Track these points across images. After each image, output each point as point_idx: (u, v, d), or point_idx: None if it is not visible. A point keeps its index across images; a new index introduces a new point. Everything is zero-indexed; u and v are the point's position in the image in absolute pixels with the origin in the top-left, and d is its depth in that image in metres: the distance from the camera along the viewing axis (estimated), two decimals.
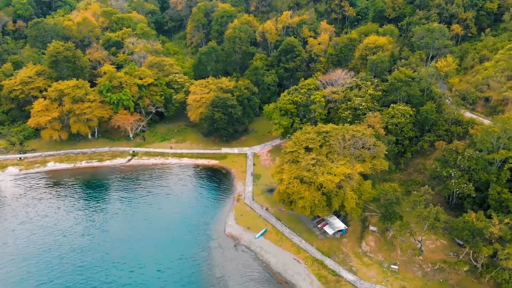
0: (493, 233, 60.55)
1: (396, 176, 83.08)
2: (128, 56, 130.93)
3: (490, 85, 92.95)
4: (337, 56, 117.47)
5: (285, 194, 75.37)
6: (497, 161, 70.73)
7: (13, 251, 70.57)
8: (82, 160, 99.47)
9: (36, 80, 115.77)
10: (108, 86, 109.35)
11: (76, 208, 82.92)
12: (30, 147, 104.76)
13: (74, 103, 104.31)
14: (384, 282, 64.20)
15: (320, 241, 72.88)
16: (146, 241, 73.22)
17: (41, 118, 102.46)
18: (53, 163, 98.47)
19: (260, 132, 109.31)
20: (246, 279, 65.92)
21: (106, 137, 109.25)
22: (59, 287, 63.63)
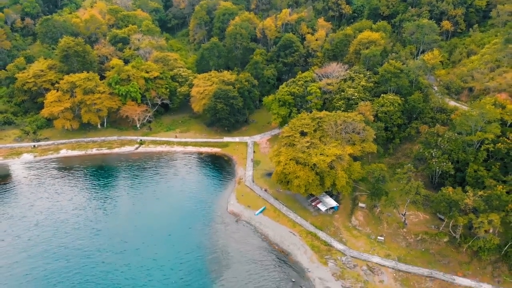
0: (467, 204, 69.42)
1: (385, 160, 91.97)
2: (134, 52, 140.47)
3: (474, 76, 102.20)
4: (333, 51, 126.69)
5: (282, 174, 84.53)
6: (475, 143, 79.57)
7: (32, 224, 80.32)
8: (93, 147, 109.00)
9: (48, 73, 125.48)
10: (117, 79, 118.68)
11: (92, 188, 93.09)
12: (43, 136, 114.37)
13: (85, 94, 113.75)
14: (371, 251, 73.25)
15: (314, 217, 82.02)
16: (157, 214, 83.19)
17: (54, 108, 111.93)
18: (66, 150, 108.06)
19: (260, 123, 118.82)
20: (246, 248, 75.21)
21: (115, 127, 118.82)
22: (76, 251, 72.92)
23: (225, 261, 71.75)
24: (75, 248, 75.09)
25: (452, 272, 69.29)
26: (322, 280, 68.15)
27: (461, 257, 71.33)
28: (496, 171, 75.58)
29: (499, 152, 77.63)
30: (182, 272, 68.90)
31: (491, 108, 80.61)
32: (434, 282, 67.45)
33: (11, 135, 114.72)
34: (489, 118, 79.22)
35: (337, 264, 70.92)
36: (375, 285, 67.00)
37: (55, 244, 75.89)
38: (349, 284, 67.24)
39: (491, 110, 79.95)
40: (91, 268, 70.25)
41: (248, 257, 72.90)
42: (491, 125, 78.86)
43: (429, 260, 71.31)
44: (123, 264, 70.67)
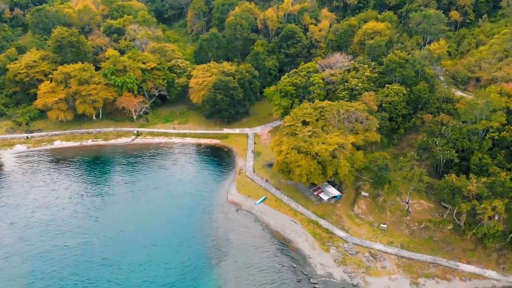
0: (470, 191, 75.52)
1: (389, 150, 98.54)
2: (130, 43, 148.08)
3: (482, 67, 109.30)
4: (337, 41, 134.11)
5: (283, 164, 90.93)
6: (480, 132, 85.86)
7: (28, 211, 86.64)
8: (88, 139, 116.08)
9: (41, 64, 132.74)
10: (112, 69, 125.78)
11: (88, 177, 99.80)
12: (36, 127, 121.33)
13: (80, 85, 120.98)
14: (374, 238, 79.39)
15: (316, 206, 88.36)
16: (156, 203, 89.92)
17: (48, 99, 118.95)
18: (60, 141, 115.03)
19: (261, 115, 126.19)
20: (246, 235, 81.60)
21: (110, 118, 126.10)
22: (74, 235, 79.06)
23: (225, 248, 77.93)
24: (74, 232, 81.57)
25: (456, 259, 75.39)
26: (323, 266, 74.19)
27: (465, 244, 77.45)
28: (501, 159, 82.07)
29: (504, 141, 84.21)
30: (182, 258, 75.03)
31: (496, 96, 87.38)
32: (437, 268, 73.42)
33: (2, 127, 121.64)
34: (494, 107, 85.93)
35: (339, 251, 76.99)
36: (378, 271, 72.94)
37: (53, 229, 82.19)
38: (350, 269, 73.19)
39: (496, 98, 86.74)
40: (91, 253, 76.35)
41: (248, 244, 79.17)
42: (496, 113, 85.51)
43: (432, 247, 77.43)
44: (122, 250, 76.85)
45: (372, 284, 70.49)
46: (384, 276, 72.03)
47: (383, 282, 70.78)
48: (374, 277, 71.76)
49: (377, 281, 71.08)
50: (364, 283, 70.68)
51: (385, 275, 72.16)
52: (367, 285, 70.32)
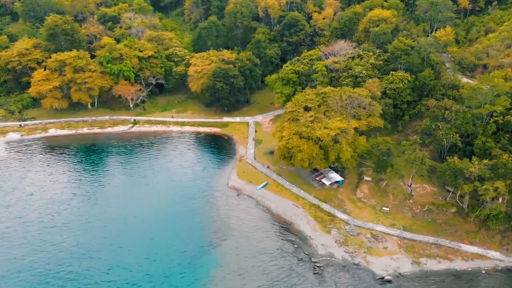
0: (472, 172, 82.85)
1: (394, 137, 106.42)
2: (126, 31, 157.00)
3: (489, 53, 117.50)
4: (341, 29, 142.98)
5: (285, 149, 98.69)
6: (484, 116, 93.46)
7: (24, 195, 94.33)
8: (84, 127, 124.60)
9: (33, 52, 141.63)
10: (108, 57, 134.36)
11: (85, 163, 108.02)
12: (30, 116, 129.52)
13: (75, 72, 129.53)
14: (376, 220, 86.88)
15: (318, 191, 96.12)
16: (156, 186, 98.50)
17: (42, 87, 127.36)
18: (54, 129, 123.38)
19: (262, 103, 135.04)
20: (247, 218, 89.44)
21: (106, 107, 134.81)
22: (74, 217, 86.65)
23: (225, 230, 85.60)
24: (74, 214, 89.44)
25: (459, 240, 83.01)
26: (324, 246, 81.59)
27: (468, 227, 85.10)
28: (505, 142, 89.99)
29: (508, 124, 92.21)
30: (183, 238, 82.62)
31: (500, 81, 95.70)
32: (439, 249, 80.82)
33: None
34: (499, 91, 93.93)
35: (340, 232, 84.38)
36: (379, 251, 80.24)
37: (51, 211, 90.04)
38: (352, 249, 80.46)
39: (500, 83, 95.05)
40: (91, 233, 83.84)
41: (249, 226, 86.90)
42: (500, 98, 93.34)
43: (435, 229, 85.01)
44: (123, 230, 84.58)
45: (373, 263, 77.85)
46: (386, 256, 79.52)
47: (385, 261, 78.20)
48: (375, 256, 79.25)
49: (378, 260, 78.50)
50: (365, 262, 78.06)
51: (386, 255, 79.65)
52: (368, 264, 77.69)
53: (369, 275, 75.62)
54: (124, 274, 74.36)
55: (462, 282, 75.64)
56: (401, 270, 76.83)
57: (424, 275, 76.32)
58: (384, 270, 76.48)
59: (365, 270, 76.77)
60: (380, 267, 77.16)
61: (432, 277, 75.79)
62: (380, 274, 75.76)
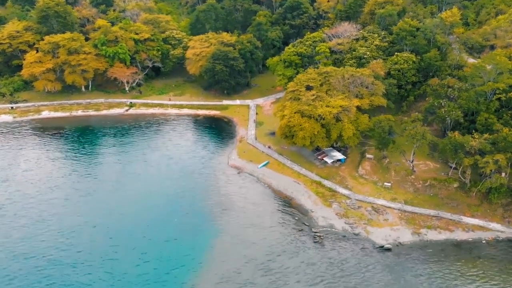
0: (473, 146, 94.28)
1: (398, 117, 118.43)
2: (120, 14, 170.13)
3: (497, 34, 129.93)
4: (346, 12, 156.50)
5: (286, 128, 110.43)
6: (487, 94, 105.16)
7: (18, 173, 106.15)
8: (78, 109, 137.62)
9: (25, 35, 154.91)
10: (103, 40, 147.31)
11: (81, 145, 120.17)
12: (21, 98, 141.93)
13: (69, 55, 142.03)
14: (377, 195, 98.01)
15: (320, 169, 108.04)
16: (155, 164, 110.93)
17: (35, 69, 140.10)
18: (48, 112, 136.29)
19: (263, 87, 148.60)
20: (248, 193, 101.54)
21: (101, 90, 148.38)
22: (74, 193, 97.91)
23: (226, 204, 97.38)
24: (74, 188, 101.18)
25: (460, 213, 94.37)
26: (325, 218, 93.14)
27: (470, 201, 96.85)
28: (507, 118, 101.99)
29: (511, 101, 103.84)
30: (184, 212, 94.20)
31: (503, 58, 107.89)
32: (440, 221, 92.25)
33: None
34: (501, 69, 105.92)
35: (341, 206, 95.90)
36: (379, 222, 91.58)
37: (51, 185, 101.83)
38: (352, 221, 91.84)
39: (502, 60, 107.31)
40: (92, 204, 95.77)
41: (250, 200, 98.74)
42: (503, 76, 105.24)
43: (437, 203, 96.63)
44: (124, 205, 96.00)
45: (373, 233, 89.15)
46: (386, 227, 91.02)
47: (385, 232, 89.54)
48: (376, 227, 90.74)
49: (379, 231, 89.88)
50: (365, 233, 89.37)
51: (387, 226, 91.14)
52: (368, 234, 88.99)
53: (369, 244, 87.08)
54: (127, 239, 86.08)
55: (462, 251, 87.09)
56: (401, 239, 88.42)
57: (424, 245, 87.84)
58: (384, 240, 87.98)
59: (365, 239, 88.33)
60: (380, 237, 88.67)
61: (432, 246, 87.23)
62: (380, 243, 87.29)
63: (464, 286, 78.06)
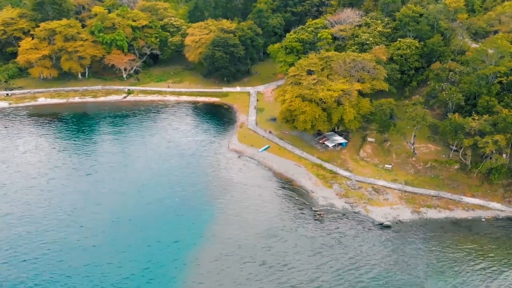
0: (473, 127, 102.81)
1: (401, 102, 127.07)
2: (117, 1, 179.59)
3: (501, 20, 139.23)
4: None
5: (287, 112, 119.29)
6: (489, 77, 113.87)
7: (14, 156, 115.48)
8: (75, 96, 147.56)
9: (19, 22, 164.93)
10: (100, 26, 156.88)
11: (79, 130, 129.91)
12: (17, 85, 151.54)
13: (66, 41, 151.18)
14: (377, 176, 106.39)
15: (321, 153, 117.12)
16: (155, 147, 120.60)
17: (31, 55, 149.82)
18: (44, 98, 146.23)
19: (264, 74, 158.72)
20: (248, 175, 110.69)
21: (98, 77, 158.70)
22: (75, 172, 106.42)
23: (226, 186, 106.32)
24: (73, 168, 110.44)
25: (461, 193, 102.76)
26: (325, 198, 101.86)
27: (471, 181, 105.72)
28: (508, 101, 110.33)
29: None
30: (184, 192, 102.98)
31: (504, 42, 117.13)
32: (440, 201, 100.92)
33: None
34: (502, 53, 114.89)
35: (342, 187, 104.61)
36: (379, 202, 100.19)
37: (50, 167, 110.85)
38: (352, 200, 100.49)
39: (503, 44, 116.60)
40: (95, 185, 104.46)
41: (250, 182, 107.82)
42: (504, 59, 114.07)
43: (437, 184, 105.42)
44: (124, 185, 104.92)
45: (373, 212, 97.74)
46: (386, 206, 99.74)
47: (384, 211, 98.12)
48: (376, 206, 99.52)
49: (378, 209, 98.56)
50: (365, 211, 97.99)
51: (386, 205, 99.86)
52: (368, 213, 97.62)
53: (368, 222, 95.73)
54: (129, 215, 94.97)
55: (461, 228, 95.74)
56: (400, 217, 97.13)
57: (424, 223, 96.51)
58: (383, 218, 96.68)
59: (365, 217, 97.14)
60: (380, 215, 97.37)
61: (431, 224, 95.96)
62: (379, 220, 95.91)
63: (461, 260, 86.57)
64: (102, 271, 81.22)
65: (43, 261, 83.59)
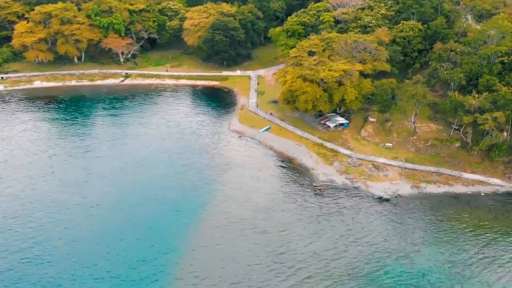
0: (472, 105, 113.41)
1: (403, 84, 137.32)
2: None
3: (506, 2, 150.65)
4: None
5: (288, 93, 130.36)
6: (491, 58, 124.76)
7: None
8: (71, 80, 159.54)
9: (13, 5, 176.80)
10: (97, 10, 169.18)
11: (77, 113, 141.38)
12: (11, 69, 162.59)
13: (62, 25, 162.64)
14: (378, 154, 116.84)
15: (322, 133, 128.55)
16: (154, 127, 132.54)
17: (26, 38, 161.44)
18: (40, 82, 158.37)
19: (265, 59, 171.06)
20: (249, 154, 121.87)
21: (94, 61, 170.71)
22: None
23: (227, 162, 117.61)
24: (73, 146, 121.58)
25: (461, 170, 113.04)
26: (326, 174, 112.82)
27: (472, 159, 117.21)
28: (509, 80, 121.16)
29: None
30: (186, 168, 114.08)
31: (505, 22, 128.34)
32: (440, 177, 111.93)
33: None
34: (503, 33, 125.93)
35: (342, 164, 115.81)
36: (379, 178, 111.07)
37: (50, 144, 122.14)
38: (352, 177, 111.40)
39: (504, 24, 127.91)
40: (94, 158, 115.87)
41: (251, 160, 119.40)
42: (505, 39, 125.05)
43: (438, 161, 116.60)
44: (125, 161, 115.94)
45: (372, 187, 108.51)
46: (386, 181, 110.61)
47: (384, 186, 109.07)
48: (375, 182, 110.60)
49: (378, 185, 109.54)
50: (365, 186, 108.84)
51: (386, 181, 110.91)
52: (368, 188, 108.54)
53: (368, 196, 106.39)
54: (132, 188, 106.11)
55: (460, 202, 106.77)
56: (400, 192, 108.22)
57: (423, 197, 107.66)
58: (383, 192, 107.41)
59: (365, 191, 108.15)
60: (379, 190, 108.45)
61: (431, 198, 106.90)
62: (379, 194, 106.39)
63: (458, 229, 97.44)
64: (107, 237, 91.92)
65: (49, 226, 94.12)
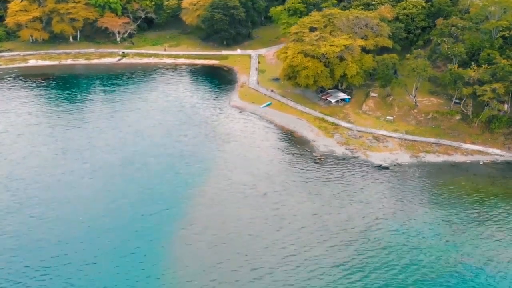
0: (471, 77, 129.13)
1: (405, 61, 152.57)
2: None
3: None
4: None
5: (289, 68, 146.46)
6: (493, 33, 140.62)
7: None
8: (67, 59, 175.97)
9: None
10: None
11: (74, 92, 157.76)
12: (5, 48, 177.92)
13: (58, 3, 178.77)
14: (378, 127, 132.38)
15: (323, 108, 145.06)
16: (153, 103, 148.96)
17: (21, 17, 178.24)
18: (35, 60, 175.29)
19: (265, 39, 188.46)
20: (249, 128, 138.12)
21: (90, 40, 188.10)
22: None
23: (228, 135, 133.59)
24: (75, 119, 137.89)
25: (461, 141, 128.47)
26: (326, 145, 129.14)
27: (472, 130, 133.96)
28: (510, 54, 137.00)
29: None
30: (186, 139, 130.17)
31: None
32: (440, 147, 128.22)
33: None
34: (505, 8, 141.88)
35: (343, 136, 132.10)
36: (379, 148, 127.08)
37: (49, 120, 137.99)
38: (352, 147, 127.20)
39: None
40: (96, 134, 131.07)
41: (252, 132, 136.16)
42: (506, 14, 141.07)
43: (438, 133, 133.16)
44: (126, 134, 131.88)
45: (372, 156, 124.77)
46: (385, 152, 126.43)
47: (384, 155, 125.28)
48: (375, 152, 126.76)
49: (378, 155, 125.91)
50: (364, 156, 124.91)
51: (386, 151, 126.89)
52: (367, 157, 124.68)
53: (367, 164, 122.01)
54: (133, 157, 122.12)
55: (458, 170, 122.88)
56: (399, 161, 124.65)
57: (422, 165, 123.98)
58: (382, 161, 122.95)
59: (364, 161, 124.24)
60: (379, 159, 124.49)
61: (429, 166, 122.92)
62: (378, 163, 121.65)
63: (456, 193, 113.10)
64: (111, 195, 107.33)
65: (55, 186, 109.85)
